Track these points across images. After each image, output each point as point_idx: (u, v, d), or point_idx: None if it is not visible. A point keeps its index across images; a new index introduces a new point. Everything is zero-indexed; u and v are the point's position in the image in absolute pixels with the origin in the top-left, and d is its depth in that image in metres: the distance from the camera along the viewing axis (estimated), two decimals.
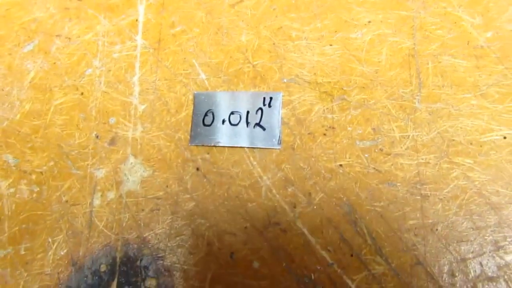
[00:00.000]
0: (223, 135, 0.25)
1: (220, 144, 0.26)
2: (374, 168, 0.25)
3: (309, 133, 0.26)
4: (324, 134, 0.26)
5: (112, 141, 0.27)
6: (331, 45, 0.28)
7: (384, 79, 0.27)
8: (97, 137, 0.27)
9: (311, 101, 0.26)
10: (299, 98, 0.27)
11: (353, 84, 0.27)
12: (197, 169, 0.26)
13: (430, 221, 0.23)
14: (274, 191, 0.25)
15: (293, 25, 0.29)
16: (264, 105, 0.26)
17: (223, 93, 0.27)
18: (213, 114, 0.27)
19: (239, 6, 0.30)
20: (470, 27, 0.27)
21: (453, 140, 0.25)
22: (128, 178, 0.26)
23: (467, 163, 0.24)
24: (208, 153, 0.26)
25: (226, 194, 0.25)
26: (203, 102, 0.27)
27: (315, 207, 0.24)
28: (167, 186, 0.26)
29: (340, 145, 0.25)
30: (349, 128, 0.26)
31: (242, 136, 0.25)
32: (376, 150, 0.25)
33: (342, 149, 0.25)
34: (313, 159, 0.25)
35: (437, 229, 0.23)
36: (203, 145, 0.26)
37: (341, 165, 0.25)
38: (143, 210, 0.25)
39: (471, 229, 0.23)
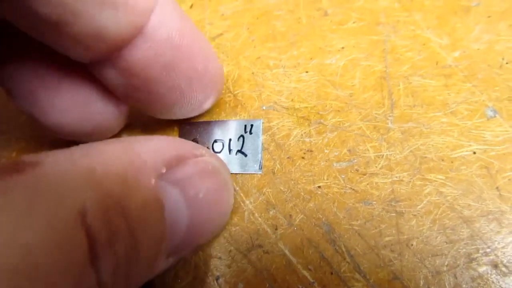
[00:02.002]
0: None
1: None
2: (351, 188, 0.26)
3: (288, 157, 0.27)
4: (303, 158, 0.27)
5: None
6: (307, 71, 0.29)
7: (358, 101, 0.28)
8: None
9: (289, 126, 0.28)
10: (277, 124, 0.28)
11: (328, 108, 0.28)
12: None
13: (405, 236, 0.24)
14: (256, 214, 0.26)
15: (270, 54, 0.30)
16: (246, 132, 0.28)
17: (206, 122, 0.29)
18: (197, 143, 0.28)
19: (220, 39, 0.31)
20: (438, 48, 0.29)
21: (425, 157, 0.26)
22: None
23: (439, 179, 0.25)
24: None
25: None
26: (188, 132, 0.29)
27: (295, 228, 0.25)
28: None
29: (318, 167, 0.27)
30: (326, 151, 0.27)
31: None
32: (352, 171, 0.26)
33: (320, 171, 0.26)
34: (292, 182, 0.26)
35: (412, 244, 0.24)
36: None
37: (319, 186, 0.26)
38: None
39: (445, 243, 0.24)
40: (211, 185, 0.21)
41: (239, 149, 0.27)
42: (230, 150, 0.27)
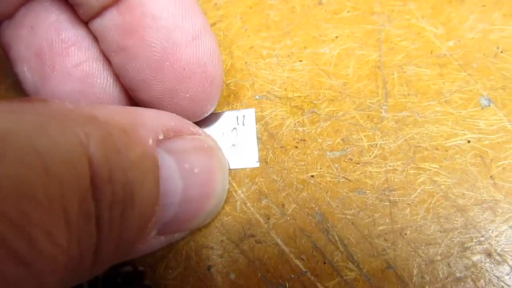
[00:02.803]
0: None
1: None
2: (344, 177, 0.26)
3: (281, 147, 0.27)
4: (296, 147, 0.27)
5: None
6: (300, 61, 0.29)
7: (352, 91, 0.28)
8: None
9: (283, 116, 0.28)
10: (271, 113, 0.28)
11: (322, 98, 0.28)
12: None
13: (399, 226, 0.24)
14: (248, 204, 0.26)
15: (264, 43, 0.30)
16: (238, 124, 0.27)
17: None
18: None
19: (213, 29, 0.31)
20: (433, 37, 0.29)
21: (419, 146, 0.26)
22: None
23: (433, 168, 0.25)
24: None
25: None
26: None
27: (288, 217, 0.25)
28: None
29: (311, 156, 0.26)
30: (319, 140, 0.27)
31: None
32: (346, 160, 0.26)
33: (313, 161, 0.26)
34: (285, 171, 0.26)
35: (406, 234, 0.24)
36: None
37: (312, 176, 0.26)
38: None
39: (439, 232, 0.24)
40: (206, 163, 0.21)
41: (234, 143, 0.27)
42: (224, 145, 0.27)
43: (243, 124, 0.27)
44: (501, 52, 0.28)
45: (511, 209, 0.24)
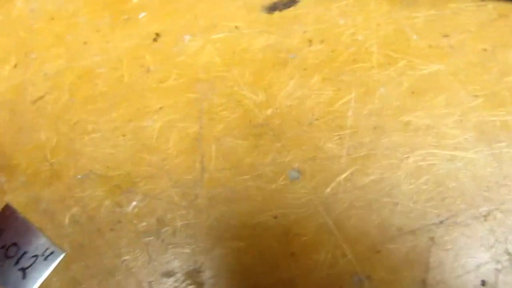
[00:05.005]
0: None
1: None
2: (156, 261, 0.26)
3: (98, 229, 0.27)
4: (112, 229, 0.27)
5: None
6: (124, 135, 0.29)
7: (170, 167, 0.28)
8: None
9: (102, 196, 0.28)
10: (90, 194, 0.28)
11: (141, 175, 0.28)
12: None
13: None
14: None
15: (89, 118, 0.30)
16: (42, 255, 0.27)
17: (24, 220, 0.28)
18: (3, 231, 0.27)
19: (40, 102, 0.31)
20: (252, 105, 0.29)
21: (229, 224, 0.26)
22: None
23: (240, 246, 0.26)
24: None
25: None
26: (8, 216, 0.28)
27: None
28: None
29: (126, 239, 0.27)
30: (134, 222, 0.27)
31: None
32: (159, 241, 0.26)
33: (128, 244, 0.27)
34: (99, 256, 0.26)
35: None
36: None
37: (124, 260, 0.26)
38: None
39: None
40: None
41: (24, 267, 0.26)
42: (17, 262, 0.26)
43: (45, 259, 0.26)
44: (316, 119, 0.28)
45: (308, 287, 0.25)
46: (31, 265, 0.26)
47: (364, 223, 0.26)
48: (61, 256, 0.26)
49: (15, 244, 0.26)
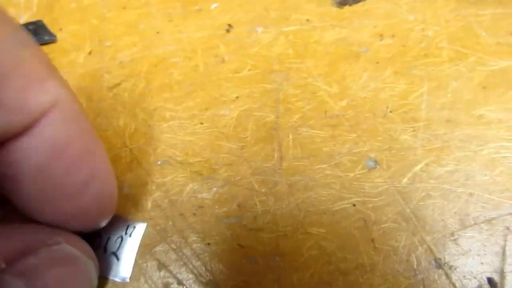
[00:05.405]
0: None
1: None
2: (238, 244, 0.27)
3: (180, 214, 0.28)
4: (194, 214, 0.28)
5: None
6: (201, 123, 0.30)
7: (249, 154, 0.29)
8: None
9: (183, 182, 0.29)
10: (171, 179, 0.29)
11: (221, 162, 0.29)
12: None
13: None
14: (147, 275, 0.27)
15: (167, 105, 0.31)
16: (126, 234, 0.28)
17: None
18: None
19: (117, 89, 0.31)
20: (327, 97, 0.30)
21: (309, 211, 0.27)
22: None
23: (320, 232, 0.27)
24: None
25: None
26: None
27: (185, 287, 0.27)
28: None
29: (208, 224, 0.28)
30: (216, 207, 0.28)
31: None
32: (240, 226, 0.27)
33: (210, 228, 0.27)
34: (183, 239, 0.27)
35: None
36: None
37: (208, 243, 0.27)
38: None
39: None
40: (62, 274, 0.22)
41: (114, 251, 0.27)
42: (105, 249, 0.27)
43: (130, 236, 0.27)
44: (390, 111, 0.29)
45: (388, 272, 0.26)
46: (119, 246, 0.27)
47: (440, 212, 0.27)
48: (144, 228, 0.27)
49: (98, 235, 0.27)
